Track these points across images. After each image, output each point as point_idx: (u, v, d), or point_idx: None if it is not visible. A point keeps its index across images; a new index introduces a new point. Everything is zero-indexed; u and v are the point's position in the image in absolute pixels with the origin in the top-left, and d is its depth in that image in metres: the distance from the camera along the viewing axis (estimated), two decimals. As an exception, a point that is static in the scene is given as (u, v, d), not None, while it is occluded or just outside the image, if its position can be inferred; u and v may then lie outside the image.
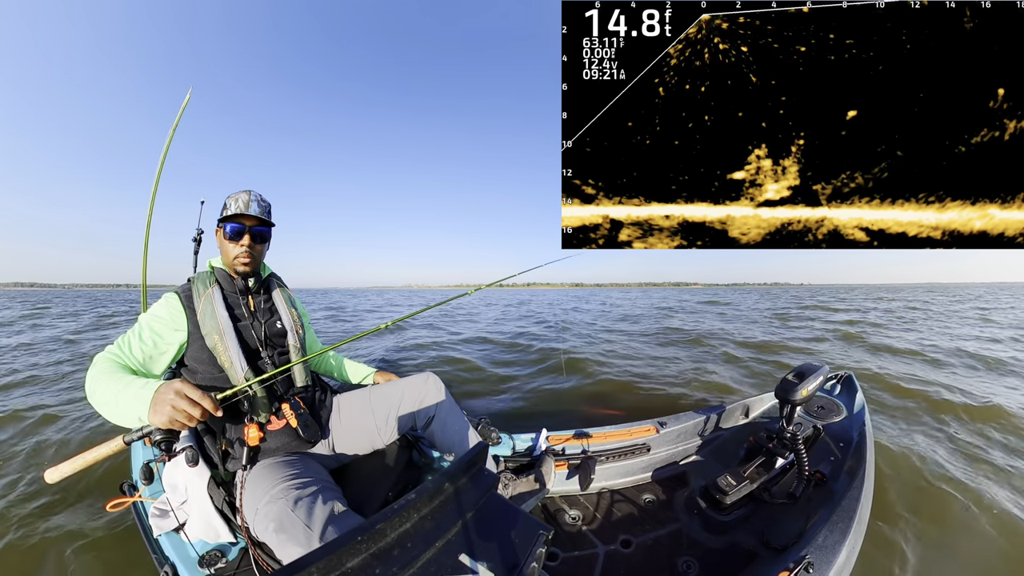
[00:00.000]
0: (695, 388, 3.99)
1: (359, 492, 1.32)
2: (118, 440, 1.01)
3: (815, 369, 1.52)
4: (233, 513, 1.18)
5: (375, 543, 0.63)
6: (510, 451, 1.79)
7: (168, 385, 0.92)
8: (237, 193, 1.32)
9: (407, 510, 0.69)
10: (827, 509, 1.29)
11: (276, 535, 0.97)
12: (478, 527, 0.76)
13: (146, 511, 1.27)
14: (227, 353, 1.21)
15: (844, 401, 1.96)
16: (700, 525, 1.57)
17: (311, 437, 1.28)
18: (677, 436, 1.94)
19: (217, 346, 1.21)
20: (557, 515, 1.69)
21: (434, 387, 1.46)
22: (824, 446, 1.70)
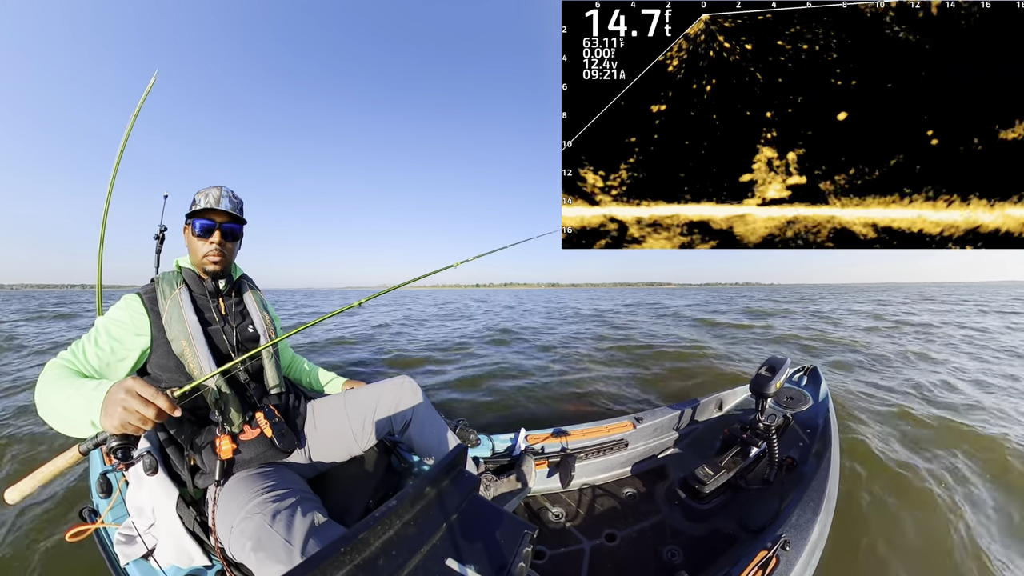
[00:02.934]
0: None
1: (339, 501, 1.28)
2: (73, 451, 0.95)
3: (782, 362, 1.63)
4: (206, 534, 1.10)
5: (359, 553, 0.62)
6: (490, 452, 1.78)
7: (119, 385, 0.81)
8: (207, 188, 1.24)
9: (389, 517, 0.68)
10: (799, 491, 1.36)
11: (254, 553, 0.91)
12: (462, 530, 0.75)
13: (110, 538, 1.18)
14: (196, 359, 1.13)
15: (810, 391, 2.07)
16: (682, 515, 1.62)
17: (287, 447, 1.22)
18: (654, 431, 2.00)
19: (185, 352, 1.13)
20: (540, 513, 1.70)
21: (410, 390, 1.43)
22: (793, 433, 1.79)
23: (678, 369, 4.93)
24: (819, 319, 10.56)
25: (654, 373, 4.78)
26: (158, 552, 1.12)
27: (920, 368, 4.84)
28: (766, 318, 10.96)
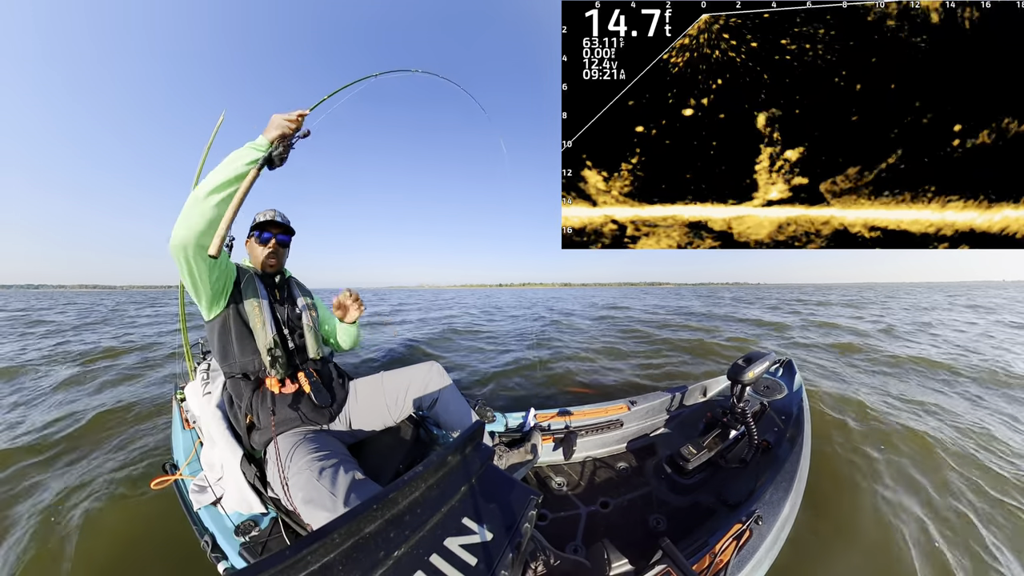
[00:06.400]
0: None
1: (374, 465, 1.46)
2: (251, 171, 1.09)
3: (762, 355, 1.75)
4: (264, 486, 1.31)
5: (389, 510, 0.71)
6: (503, 428, 2.00)
7: (270, 124, 1.13)
8: (264, 210, 1.59)
9: (416, 480, 0.77)
10: (772, 471, 1.48)
11: (304, 504, 1.07)
12: (478, 494, 0.84)
13: (186, 487, 1.42)
14: (261, 318, 1.41)
15: (785, 381, 2.24)
16: (667, 488, 1.79)
17: (323, 403, 1.45)
18: (646, 413, 2.20)
19: (254, 311, 1.40)
20: (546, 482, 1.90)
21: (437, 374, 1.68)
22: (769, 419, 1.93)
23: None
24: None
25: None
26: (225, 500, 1.34)
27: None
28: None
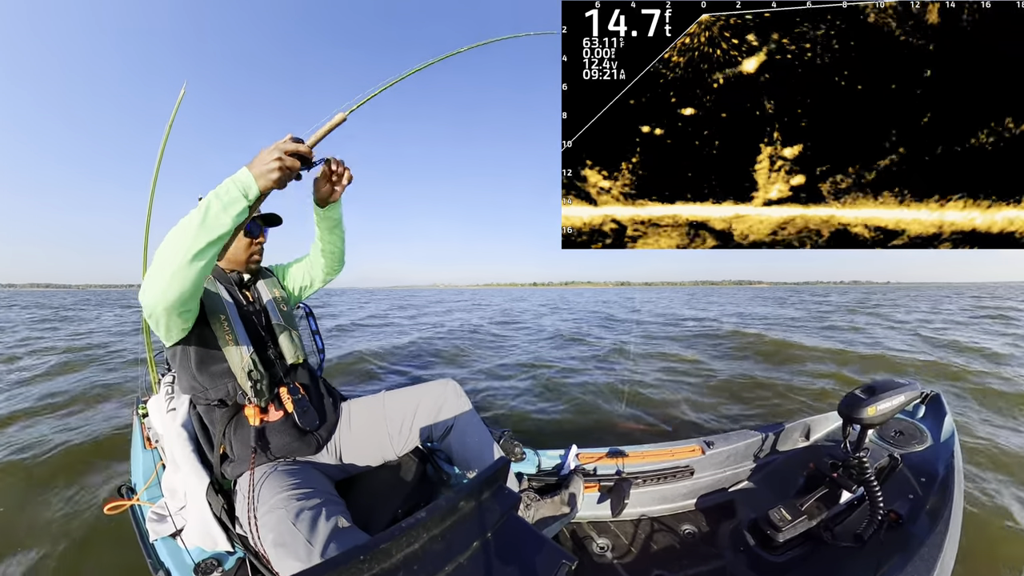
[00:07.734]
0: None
1: (365, 508, 1.25)
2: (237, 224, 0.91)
3: (895, 386, 1.29)
4: (232, 521, 1.15)
5: (379, 563, 0.58)
6: (535, 469, 1.65)
7: (264, 152, 0.91)
8: None
9: (416, 529, 0.63)
10: (902, 557, 1.12)
11: (274, 548, 0.93)
12: (493, 552, 0.69)
13: (143, 515, 1.27)
14: (232, 334, 1.16)
15: (929, 426, 1.68)
16: (747, 564, 1.40)
17: (308, 425, 1.22)
18: (726, 458, 1.74)
19: (222, 328, 1.16)
20: (584, 543, 1.56)
21: (453, 394, 1.38)
22: (902, 480, 1.45)
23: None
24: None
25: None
26: (185, 533, 1.18)
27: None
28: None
